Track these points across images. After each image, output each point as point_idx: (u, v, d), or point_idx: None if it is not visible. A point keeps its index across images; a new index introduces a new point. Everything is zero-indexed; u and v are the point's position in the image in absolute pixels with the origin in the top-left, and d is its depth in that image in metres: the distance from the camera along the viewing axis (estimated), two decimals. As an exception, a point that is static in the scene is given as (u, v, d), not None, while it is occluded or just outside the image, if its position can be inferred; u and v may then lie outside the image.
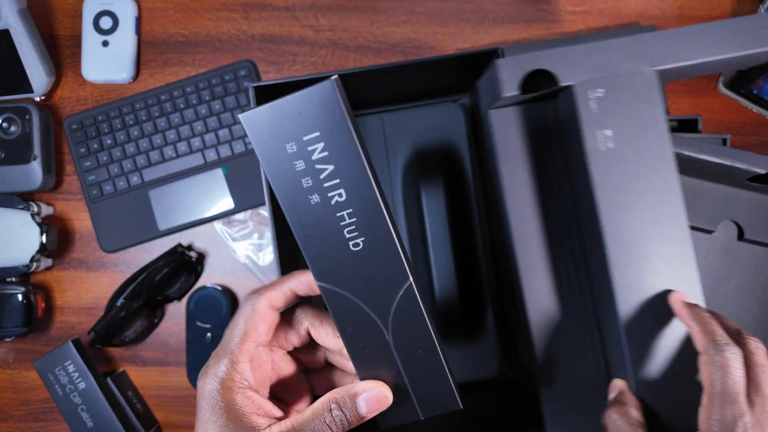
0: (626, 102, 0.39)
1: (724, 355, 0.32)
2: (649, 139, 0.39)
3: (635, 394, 0.38)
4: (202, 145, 0.66)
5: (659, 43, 0.39)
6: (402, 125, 0.60)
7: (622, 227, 0.38)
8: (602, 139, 0.39)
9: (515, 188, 0.44)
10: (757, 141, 0.65)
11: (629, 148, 0.39)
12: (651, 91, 0.39)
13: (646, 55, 0.39)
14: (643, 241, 0.38)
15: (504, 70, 0.40)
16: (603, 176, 0.38)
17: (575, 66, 0.39)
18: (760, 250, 0.54)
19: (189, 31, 0.67)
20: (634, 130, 0.39)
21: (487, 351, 0.59)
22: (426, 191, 0.55)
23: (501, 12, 0.66)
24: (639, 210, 0.38)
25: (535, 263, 0.44)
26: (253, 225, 0.67)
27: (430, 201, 0.54)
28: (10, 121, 0.64)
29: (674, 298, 0.37)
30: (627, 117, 0.39)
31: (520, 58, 0.39)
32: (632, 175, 0.38)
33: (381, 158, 0.60)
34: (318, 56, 0.67)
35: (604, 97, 0.39)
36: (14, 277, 0.64)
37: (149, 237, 0.66)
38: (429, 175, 0.56)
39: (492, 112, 0.44)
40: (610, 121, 0.39)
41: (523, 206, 0.44)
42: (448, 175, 0.56)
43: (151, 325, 0.66)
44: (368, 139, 0.60)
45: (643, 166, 0.39)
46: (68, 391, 0.62)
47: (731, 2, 0.65)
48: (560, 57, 0.39)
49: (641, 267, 0.38)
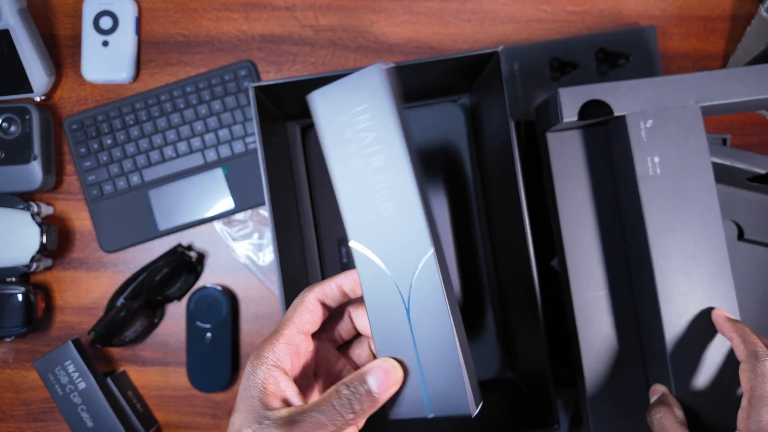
0: (673, 132, 0.43)
1: (765, 365, 0.36)
2: (692, 166, 0.43)
3: (676, 397, 0.42)
4: (202, 145, 0.66)
5: (704, 82, 0.44)
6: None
7: (668, 246, 0.43)
8: (651, 165, 0.43)
9: (569, 204, 0.48)
10: (757, 141, 0.65)
11: (675, 174, 0.43)
12: (695, 123, 0.43)
13: (692, 91, 0.44)
14: (687, 259, 0.43)
15: (565, 97, 0.44)
16: (651, 199, 0.43)
17: (628, 98, 0.44)
18: (760, 250, 0.54)
19: (189, 31, 0.68)
20: (679, 157, 0.43)
21: (487, 351, 0.59)
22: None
23: (501, 12, 0.66)
24: (683, 231, 0.43)
25: (586, 275, 0.48)
26: (253, 225, 0.67)
27: (429, 200, 0.54)
28: (10, 121, 0.64)
29: (717, 314, 0.41)
30: (673, 146, 0.43)
31: (579, 89, 0.44)
32: (677, 198, 0.43)
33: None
34: (318, 56, 0.67)
35: (653, 127, 0.43)
36: (14, 277, 0.64)
37: (149, 237, 0.66)
38: (429, 175, 0.56)
39: (549, 134, 0.48)
40: (658, 149, 0.43)
41: (576, 221, 0.48)
42: (448, 175, 0.56)
43: (151, 325, 0.66)
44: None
45: (687, 190, 0.43)
46: (68, 391, 0.62)
47: (731, 2, 0.65)
48: (614, 90, 0.44)
49: (684, 283, 0.43)
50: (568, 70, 0.64)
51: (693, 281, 0.42)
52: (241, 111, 0.66)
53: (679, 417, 0.40)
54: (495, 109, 0.50)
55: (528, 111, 0.64)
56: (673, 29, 0.66)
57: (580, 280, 0.48)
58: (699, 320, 0.42)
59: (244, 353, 0.66)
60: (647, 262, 0.43)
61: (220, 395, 0.66)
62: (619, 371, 0.48)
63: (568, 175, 0.48)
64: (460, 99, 0.61)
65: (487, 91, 0.53)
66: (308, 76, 0.47)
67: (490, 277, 0.59)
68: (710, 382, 0.42)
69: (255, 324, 0.67)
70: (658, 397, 0.43)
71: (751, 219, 0.53)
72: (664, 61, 0.65)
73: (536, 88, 0.64)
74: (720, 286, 0.42)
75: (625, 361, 0.48)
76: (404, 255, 0.31)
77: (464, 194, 0.59)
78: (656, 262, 0.43)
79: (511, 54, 0.64)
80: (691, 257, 0.42)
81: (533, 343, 0.49)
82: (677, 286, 0.42)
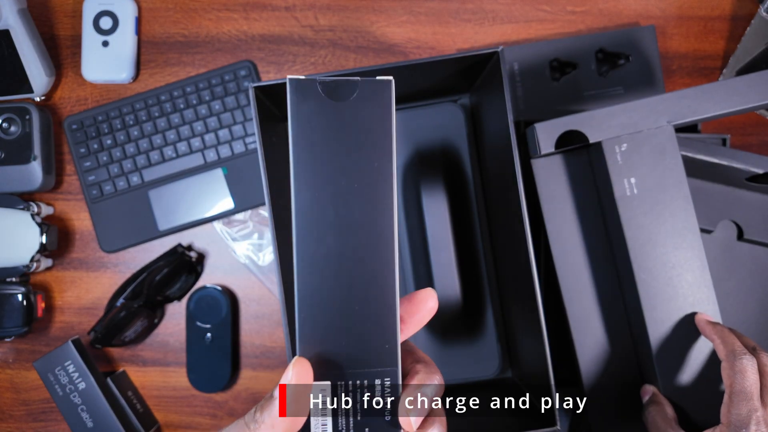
0: (647, 153, 0.46)
1: (742, 362, 0.39)
2: (668, 182, 0.46)
3: (665, 395, 0.46)
4: (202, 145, 0.66)
5: (674, 102, 0.46)
6: (402, 125, 0.60)
7: (648, 259, 0.46)
8: (628, 185, 0.46)
9: (557, 224, 0.51)
10: (756, 141, 0.65)
11: (651, 192, 0.46)
12: (669, 142, 0.46)
13: (664, 112, 0.46)
14: (668, 269, 0.46)
15: (541, 132, 0.47)
16: (629, 217, 0.46)
17: (602, 125, 0.46)
18: (759, 250, 0.54)
19: (189, 31, 0.68)
20: (654, 176, 0.46)
21: (487, 351, 0.59)
22: (426, 191, 0.55)
23: (501, 12, 0.66)
24: (662, 244, 0.46)
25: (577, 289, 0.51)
26: (253, 225, 0.67)
27: (430, 201, 0.55)
28: (10, 122, 0.64)
29: (699, 318, 0.45)
30: (648, 165, 0.46)
31: (554, 123, 0.47)
32: (654, 214, 0.46)
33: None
34: (318, 56, 0.67)
35: (627, 150, 0.46)
36: (14, 277, 0.64)
37: (149, 237, 0.66)
38: (429, 175, 0.56)
39: (534, 161, 0.51)
40: (633, 170, 0.46)
41: (565, 240, 0.51)
42: (448, 175, 0.56)
43: (151, 325, 0.66)
44: (368, 139, 0.60)
45: (664, 206, 0.46)
46: (68, 391, 0.62)
47: (731, 2, 0.65)
48: (588, 119, 0.47)
49: (666, 292, 0.46)
50: (568, 70, 0.64)
51: (675, 289, 0.46)
52: (241, 111, 0.66)
53: (669, 414, 0.44)
54: (495, 110, 0.50)
55: (528, 111, 0.64)
56: (673, 29, 0.66)
57: (572, 293, 0.50)
58: (682, 325, 0.46)
59: (244, 353, 0.66)
60: (630, 274, 0.47)
61: (220, 395, 0.66)
62: (615, 375, 0.50)
63: (555, 198, 0.51)
64: (460, 99, 0.61)
65: (487, 92, 0.53)
66: (309, 76, 0.47)
67: (490, 276, 0.59)
68: (695, 381, 0.45)
69: (255, 324, 0.67)
70: (649, 396, 0.46)
71: (751, 219, 0.53)
72: (664, 61, 0.65)
73: (536, 88, 0.64)
74: (701, 293, 0.46)
75: (619, 365, 0.50)
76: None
77: (464, 194, 0.59)
78: (638, 275, 0.46)
79: (511, 54, 0.64)
80: (671, 267, 0.46)
81: (533, 343, 0.49)
82: (659, 294, 0.46)
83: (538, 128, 0.47)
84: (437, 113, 0.60)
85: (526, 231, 0.46)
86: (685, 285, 0.46)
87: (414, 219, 0.58)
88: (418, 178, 0.56)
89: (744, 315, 0.53)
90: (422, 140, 0.60)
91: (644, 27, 0.64)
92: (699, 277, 0.46)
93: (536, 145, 0.48)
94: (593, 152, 0.49)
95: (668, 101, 0.46)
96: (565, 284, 0.50)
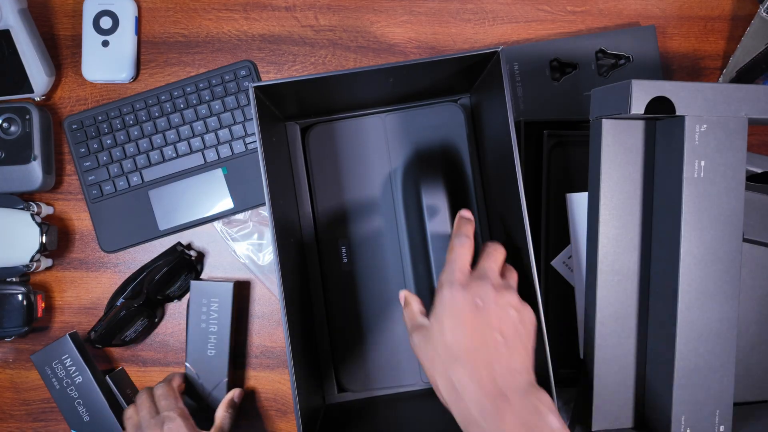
0: (721, 139, 0.46)
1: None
2: (729, 174, 0.46)
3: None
4: (202, 145, 0.66)
5: (756, 96, 0.46)
6: (402, 125, 0.60)
7: (697, 246, 0.46)
8: (697, 168, 0.45)
9: (614, 193, 0.49)
10: (756, 141, 0.65)
11: (714, 180, 0.45)
12: (740, 134, 0.46)
13: (744, 102, 0.46)
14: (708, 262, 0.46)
15: (637, 89, 0.45)
16: (691, 200, 0.45)
17: (689, 99, 0.45)
18: (760, 250, 0.54)
19: (189, 31, 0.68)
20: (720, 164, 0.45)
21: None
22: (426, 191, 0.55)
23: (501, 12, 0.66)
24: (710, 229, 0.46)
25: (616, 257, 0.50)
26: (253, 225, 0.67)
27: (430, 201, 0.54)
28: (10, 121, 0.64)
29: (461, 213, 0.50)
30: (718, 152, 0.45)
31: (650, 84, 0.45)
32: (710, 201, 0.46)
33: (382, 158, 0.60)
34: (318, 56, 0.67)
35: (706, 132, 0.45)
36: (14, 277, 0.64)
37: (149, 237, 0.66)
38: (429, 175, 0.56)
39: (607, 121, 0.49)
40: (706, 154, 0.45)
41: (620, 211, 0.50)
42: (447, 175, 0.56)
43: (152, 324, 0.66)
44: (369, 139, 0.60)
45: (720, 195, 0.46)
46: (65, 385, 0.62)
47: (731, 2, 0.65)
48: (679, 89, 0.45)
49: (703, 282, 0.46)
50: (568, 71, 0.64)
51: (709, 281, 0.46)
52: (241, 111, 0.66)
53: (416, 308, 0.47)
54: (495, 109, 0.50)
55: (528, 111, 0.64)
56: (673, 29, 0.66)
57: (607, 259, 0.49)
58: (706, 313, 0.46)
59: (244, 353, 0.66)
60: (675, 256, 0.46)
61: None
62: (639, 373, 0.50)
63: (621, 165, 0.49)
64: (460, 99, 0.61)
65: (487, 91, 0.53)
66: (308, 76, 0.47)
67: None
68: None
69: (255, 324, 0.67)
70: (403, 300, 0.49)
71: (751, 219, 0.53)
72: (664, 61, 0.65)
73: (536, 88, 0.64)
74: (727, 290, 0.46)
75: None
76: None
77: (464, 194, 0.59)
78: (683, 258, 0.45)
79: (511, 54, 0.64)
80: (716, 260, 0.46)
81: (533, 343, 0.49)
82: (695, 281, 0.46)
83: (635, 85, 0.45)
84: (437, 113, 0.60)
85: (526, 231, 0.46)
86: (718, 278, 0.46)
87: (414, 219, 0.58)
88: (418, 178, 0.56)
89: (744, 315, 0.53)
90: (422, 140, 0.60)
91: (644, 27, 0.64)
92: (729, 273, 0.46)
93: (627, 103, 0.45)
94: (670, 126, 0.47)
95: (753, 92, 0.46)
96: (604, 255, 0.49)
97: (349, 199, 0.60)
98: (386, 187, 0.60)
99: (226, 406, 0.60)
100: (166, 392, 0.58)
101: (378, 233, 0.60)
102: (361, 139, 0.60)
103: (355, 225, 0.60)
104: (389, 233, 0.60)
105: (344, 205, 0.60)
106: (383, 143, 0.60)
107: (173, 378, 0.61)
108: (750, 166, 0.50)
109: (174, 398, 0.57)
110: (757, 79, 0.60)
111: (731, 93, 0.46)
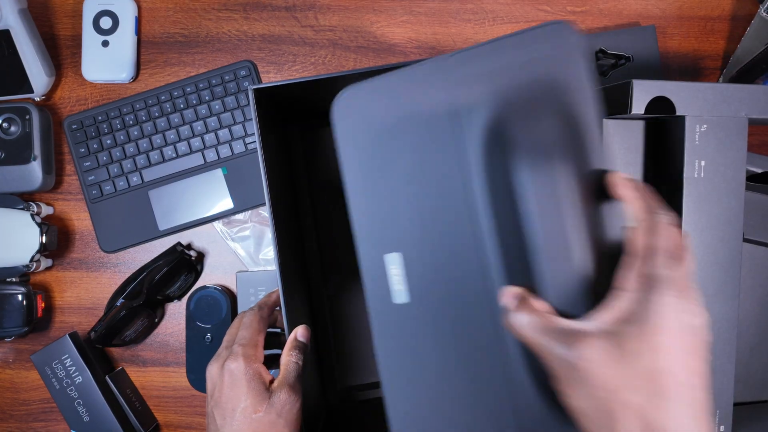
0: (722, 140, 0.46)
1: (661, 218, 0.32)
2: (729, 174, 0.46)
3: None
4: (202, 145, 0.66)
5: (757, 95, 0.46)
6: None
7: (696, 246, 0.46)
8: (697, 167, 0.46)
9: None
10: (756, 141, 0.65)
11: (714, 179, 0.46)
12: (740, 134, 0.46)
13: (744, 102, 0.46)
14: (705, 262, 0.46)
15: (638, 90, 0.45)
16: (691, 200, 0.46)
17: (689, 99, 0.46)
18: (760, 250, 0.54)
19: (189, 31, 0.68)
20: (720, 164, 0.46)
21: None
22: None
23: (501, 12, 0.66)
24: (709, 230, 0.46)
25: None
26: (253, 225, 0.67)
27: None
28: (10, 122, 0.64)
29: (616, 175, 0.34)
30: (718, 153, 0.46)
31: (650, 84, 0.45)
32: (711, 202, 0.46)
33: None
34: (318, 56, 0.67)
35: (706, 132, 0.46)
36: (14, 277, 0.64)
37: (149, 237, 0.66)
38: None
39: (605, 121, 0.49)
40: (706, 154, 0.46)
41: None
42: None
43: (152, 325, 0.66)
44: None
45: (720, 195, 0.46)
46: (65, 385, 0.62)
47: (731, 2, 0.65)
48: (679, 90, 0.46)
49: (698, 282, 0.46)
50: (568, 70, 0.64)
51: (706, 276, 0.46)
52: (241, 111, 0.66)
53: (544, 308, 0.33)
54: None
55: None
56: (673, 29, 0.66)
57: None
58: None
59: (244, 353, 0.66)
60: None
61: (220, 395, 0.66)
62: None
63: (620, 164, 0.49)
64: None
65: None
66: (307, 78, 0.47)
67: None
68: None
69: (255, 324, 0.66)
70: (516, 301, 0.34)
71: (751, 219, 0.53)
72: (664, 61, 0.65)
73: (536, 88, 0.64)
74: (727, 291, 0.46)
75: None
76: None
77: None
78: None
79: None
80: (713, 262, 0.46)
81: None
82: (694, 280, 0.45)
83: (636, 85, 0.45)
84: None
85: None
86: (718, 278, 0.46)
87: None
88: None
89: (744, 315, 0.53)
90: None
91: (644, 27, 0.64)
92: (729, 273, 0.46)
93: (629, 103, 0.45)
94: (670, 126, 0.47)
95: (752, 92, 0.46)
96: None
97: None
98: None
99: (290, 347, 0.48)
100: (250, 321, 0.48)
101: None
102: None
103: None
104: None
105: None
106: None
107: (270, 297, 0.52)
108: (750, 166, 0.50)
109: (255, 331, 0.48)
110: (757, 79, 0.60)
111: (731, 93, 0.46)
